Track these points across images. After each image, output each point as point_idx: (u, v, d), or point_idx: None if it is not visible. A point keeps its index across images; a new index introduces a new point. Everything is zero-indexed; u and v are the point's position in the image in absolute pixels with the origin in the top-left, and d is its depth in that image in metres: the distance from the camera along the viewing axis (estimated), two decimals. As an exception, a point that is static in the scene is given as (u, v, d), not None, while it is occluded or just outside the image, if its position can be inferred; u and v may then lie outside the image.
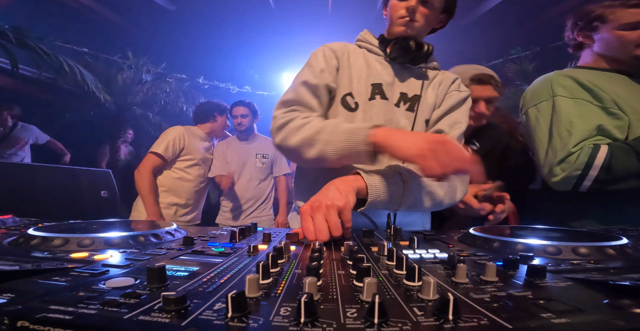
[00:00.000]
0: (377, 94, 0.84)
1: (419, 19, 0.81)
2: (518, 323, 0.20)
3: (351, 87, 0.84)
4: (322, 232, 0.52)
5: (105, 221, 0.69)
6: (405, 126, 0.84)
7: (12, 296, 0.24)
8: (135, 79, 4.67)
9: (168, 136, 1.97)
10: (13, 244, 0.45)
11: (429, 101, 0.86)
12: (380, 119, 0.82)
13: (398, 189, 0.66)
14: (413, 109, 0.85)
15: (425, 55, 0.86)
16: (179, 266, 0.34)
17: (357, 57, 0.88)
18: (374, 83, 0.84)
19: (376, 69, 0.87)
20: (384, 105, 0.83)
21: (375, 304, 0.20)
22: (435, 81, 0.90)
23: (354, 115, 0.83)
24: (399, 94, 0.86)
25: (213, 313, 0.22)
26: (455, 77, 0.93)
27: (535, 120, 1.06)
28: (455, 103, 0.85)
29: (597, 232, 0.61)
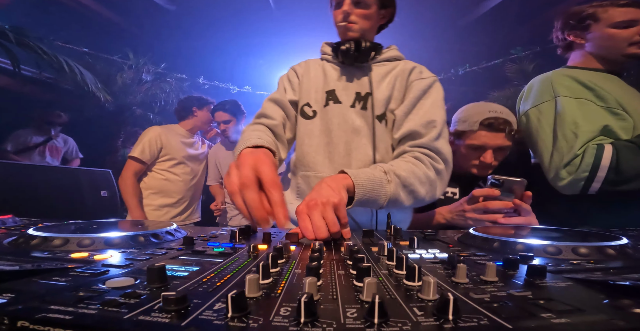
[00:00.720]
0: (331, 99, 0.89)
1: (357, 20, 0.86)
2: (518, 323, 0.20)
3: (309, 98, 0.91)
4: (321, 229, 0.53)
5: (105, 221, 0.69)
6: (361, 124, 0.86)
7: (12, 296, 0.24)
8: (135, 79, 4.67)
9: (143, 138, 1.93)
10: (13, 244, 0.45)
11: (381, 96, 0.86)
12: (334, 122, 0.87)
13: (383, 187, 0.69)
14: (366, 107, 0.87)
15: (367, 50, 0.87)
16: (179, 266, 0.34)
17: (317, 69, 0.94)
18: (327, 90, 0.90)
19: (331, 76, 0.92)
20: (338, 108, 0.88)
21: (375, 304, 0.20)
22: (392, 73, 0.89)
23: (312, 122, 0.90)
24: (354, 95, 0.89)
25: (213, 313, 0.22)
26: (413, 65, 0.90)
27: (537, 122, 1.02)
28: (418, 93, 0.84)
29: (597, 232, 0.61)
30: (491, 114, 0.97)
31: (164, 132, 1.98)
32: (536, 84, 1.07)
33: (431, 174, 0.76)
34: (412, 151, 0.79)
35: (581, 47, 1.07)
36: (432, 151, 0.78)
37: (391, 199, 0.70)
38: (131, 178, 1.89)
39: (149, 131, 1.99)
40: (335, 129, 0.87)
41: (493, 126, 0.96)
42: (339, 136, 0.87)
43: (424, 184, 0.75)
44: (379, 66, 0.92)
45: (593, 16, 1.01)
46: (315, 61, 0.98)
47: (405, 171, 0.72)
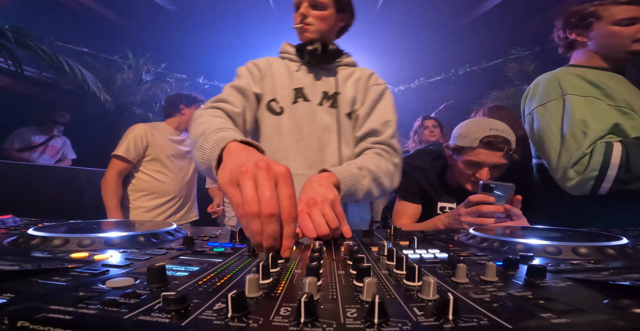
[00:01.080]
0: (300, 97, 0.93)
1: (314, 22, 0.91)
2: (518, 323, 0.20)
3: (275, 94, 0.92)
4: (322, 226, 0.54)
5: (105, 221, 0.69)
6: (330, 122, 0.92)
7: (12, 296, 0.24)
8: (135, 79, 4.67)
9: (128, 136, 1.82)
10: (13, 244, 0.45)
11: (348, 95, 0.94)
12: (304, 119, 0.91)
13: (360, 181, 0.76)
14: (335, 105, 0.93)
15: (333, 53, 0.94)
16: (179, 266, 0.34)
17: (280, 66, 0.96)
18: (295, 88, 0.93)
19: (297, 75, 0.95)
20: (307, 106, 0.92)
21: (375, 304, 0.20)
22: (353, 77, 0.98)
23: (280, 118, 0.92)
24: (321, 94, 0.94)
25: (213, 313, 0.22)
26: (370, 72, 1.00)
27: (543, 121, 1.00)
28: (376, 97, 0.95)
29: (597, 232, 0.61)
30: (492, 132, 0.99)
31: (150, 130, 1.87)
32: (542, 83, 1.05)
33: (391, 168, 0.87)
34: (374, 148, 0.89)
35: (583, 46, 1.06)
36: (389, 147, 0.90)
37: (367, 192, 0.78)
38: (114, 178, 1.76)
39: (133, 128, 1.86)
40: (307, 126, 0.91)
41: (492, 144, 0.97)
42: (310, 132, 0.91)
43: (387, 176, 0.85)
44: (342, 69, 0.99)
45: (595, 14, 1.00)
46: (274, 58, 1.00)
47: (374, 166, 0.82)
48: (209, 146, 0.60)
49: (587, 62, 1.05)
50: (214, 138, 0.60)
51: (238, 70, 0.96)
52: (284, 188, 0.41)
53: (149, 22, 5.27)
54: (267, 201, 0.39)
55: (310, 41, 0.92)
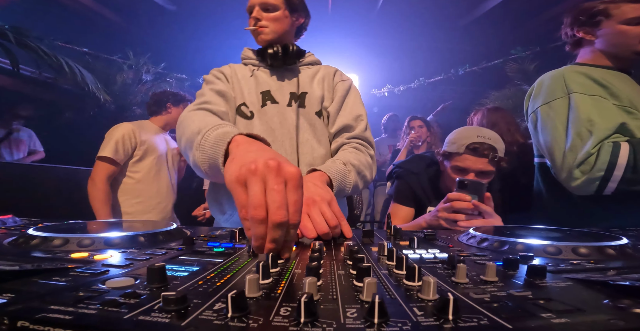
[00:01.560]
0: (268, 100, 0.94)
1: (267, 24, 0.93)
2: (518, 323, 0.20)
3: (243, 98, 0.93)
4: (322, 225, 0.54)
5: (105, 221, 0.69)
6: (301, 121, 0.93)
7: (12, 296, 0.23)
8: (135, 79, 4.67)
9: (114, 135, 1.67)
10: (13, 244, 0.45)
11: (316, 94, 0.96)
12: (275, 121, 0.92)
13: (347, 177, 0.79)
14: (304, 105, 0.95)
15: (295, 54, 0.96)
16: (179, 266, 0.34)
17: (244, 72, 0.98)
18: (262, 91, 0.94)
19: (262, 78, 0.97)
20: (276, 108, 0.93)
21: (375, 304, 0.20)
22: (318, 76, 1.00)
23: (252, 122, 0.93)
24: (289, 95, 0.95)
25: (213, 313, 0.22)
26: (334, 69, 1.03)
27: (548, 119, 0.99)
28: (343, 93, 0.98)
29: (597, 232, 0.61)
30: (479, 139, 1.03)
31: (137, 129, 1.75)
32: (547, 81, 1.04)
33: (369, 160, 0.92)
34: (350, 142, 0.94)
35: (591, 44, 1.05)
36: (364, 141, 0.95)
37: (354, 186, 0.82)
38: (104, 182, 1.61)
39: (118, 127, 1.72)
40: (278, 128, 0.92)
41: (478, 150, 1.01)
42: (282, 134, 0.92)
43: (367, 168, 0.89)
44: (305, 69, 1.01)
45: (604, 12, 0.99)
46: (237, 65, 1.01)
47: (355, 160, 0.85)
48: (209, 143, 0.59)
49: (593, 61, 1.04)
50: (215, 134, 0.59)
51: (206, 78, 0.97)
52: (292, 193, 0.40)
53: (149, 22, 5.27)
54: (277, 209, 0.37)
55: (270, 44, 0.94)
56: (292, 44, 0.95)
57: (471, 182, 0.86)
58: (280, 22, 0.94)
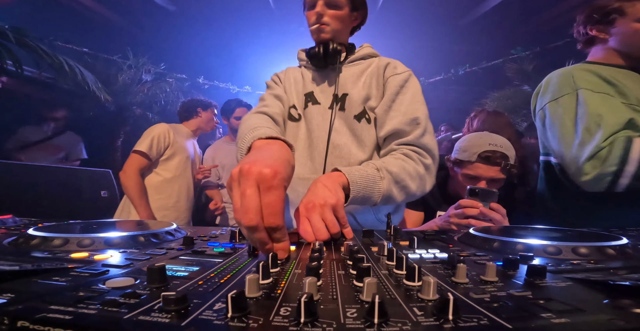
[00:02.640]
0: (309, 101, 0.92)
1: (329, 22, 0.88)
2: (518, 323, 0.20)
3: (292, 101, 0.94)
4: (321, 231, 0.52)
5: (105, 221, 0.69)
6: (339, 124, 0.88)
7: (12, 296, 0.23)
8: (135, 79, 4.67)
9: (152, 133, 1.83)
10: (13, 244, 0.45)
11: (359, 95, 0.87)
12: (314, 122, 0.89)
13: (376, 183, 0.69)
14: (344, 108, 0.89)
15: (335, 52, 0.88)
16: (179, 266, 0.34)
17: (295, 74, 0.98)
18: (306, 93, 0.93)
19: (308, 79, 0.96)
20: (317, 110, 0.90)
21: (375, 304, 0.20)
22: (367, 72, 0.91)
23: (298, 125, 0.92)
24: (332, 97, 0.91)
25: (213, 313, 0.22)
26: (387, 62, 0.90)
27: (556, 115, 0.97)
28: (396, 89, 0.84)
29: (597, 232, 0.61)
30: (490, 147, 1.01)
31: (172, 129, 1.90)
32: (555, 78, 1.03)
33: (420, 170, 0.78)
34: (400, 149, 0.81)
35: (603, 42, 1.03)
36: (419, 148, 0.80)
37: (384, 195, 0.71)
38: (136, 175, 1.76)
39: (156, 126, 1.89)
40: (316, 130, 0.89)
41: (490, 159, 1.00)
42: (319, 136, 0.89)
43: (415, 179, 0.76)
44: (351, 66, 0.93)
45: (619, 10, 0.98)
46: (293, 68, 1.02)
47: (396, 167, 0.74)
48: (243, 146, 0.64)
49: (605, 59, 1.03)
50: (247, 138, 0.65)
51: (267, 83, 1.01)
52: (264, 195, 0.40)
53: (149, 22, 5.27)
54: (244, 213, 0.39)
55: (317, 44, 0.90)
56: (334, 42, 0.89)
57: (482, 190, 0.86)
58: (342, 20, 0.89)
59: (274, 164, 0.43)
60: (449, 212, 0.89)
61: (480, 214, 0.83)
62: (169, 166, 1.88)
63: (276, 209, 0.40)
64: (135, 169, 1.76)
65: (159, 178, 1.86)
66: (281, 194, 0.41)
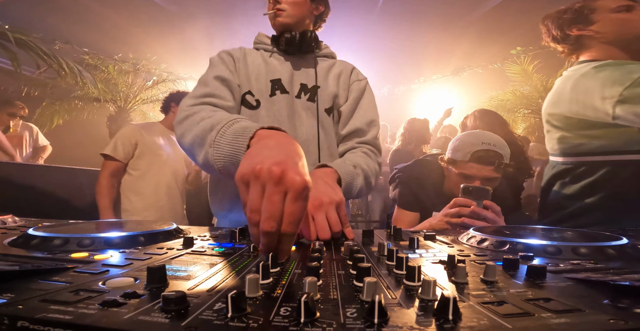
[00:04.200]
0: (277, 89, 0.88)
1: (286, 8, 0.88)
2: (518, 323, 0.20)
3: (250, 86, 0.87)
4: (324, 229, 0.52)
5: (105, 221, 0.69)
6: (308, 115, 0.89)
7: (12, 296, 0.23)
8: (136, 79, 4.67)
9: (116, 135, 1.86)
10: (13, 244, 0.45)
11: (330, 90, 0.91)
12: (283, 112, 0.87)
13: (355, 179, 0.77)
14: (314, 99, 0.89)
15: (309, 41, 0.90)
16: (179, 266, 0.34)
17: (255, 57, 0.91)
18: (272, 79, 0.88)
19: (274, 65, 0.90)
20: (285, 99, 0.88)
21: (375, 304, 0.20)
22: (334, 70, 0.94)
23: (257, 112, 0.86)
24: (299, 86, 0.90)
25: (213, 313, 0.22)
26: (352, 67, 0.97)
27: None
28: (359, 94, 0.93)
29: (597, 232, 0.61)
30: (484, 146, 1.01)
31: (139, 130, 1.88)
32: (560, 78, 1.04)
33: (377, 167, 0.89)
34: (360, 147, 0.90)
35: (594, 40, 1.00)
36: (374, 147, 0.91)
37: (359, 190, 0.79)
38: (106, 178, 1.79)
39: (123, 128, 1.91)
40: (286, 120, 0.86)
41: (483, 158, 1.00)
42: (290, 128, 0.86)
43: (374, 176, 0.86)
44: (322, 60, 0.95)
45: (587, 7, 0.98)
46: (250, 49, 0.95)
47: (365, 164, 0.82)
48: (226, 140, 0.55)
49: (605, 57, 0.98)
50: (232, 130, 0.56)
51: (212, 59, 0.90)
52: (290, 204, 0.38)
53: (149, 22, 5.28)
54: (267, 218, 0.37)
55: (287, 29, 0.89)
56: (310, 31, 0.90)
57: (475, 188, 0.87)
58: (299, 6, 0.89)
59: (303, 172, 0.40)
60: (444, 211, 0.90)
61: (472, 212, 0.83)
62: (138, 165, 1.86)
63: (296, 219, 0.38)
64: (104, 174, 1.79)
65: (130, 177, 1.86)
66: (305, 206, 0.39)
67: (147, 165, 1.86)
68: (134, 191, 1.84)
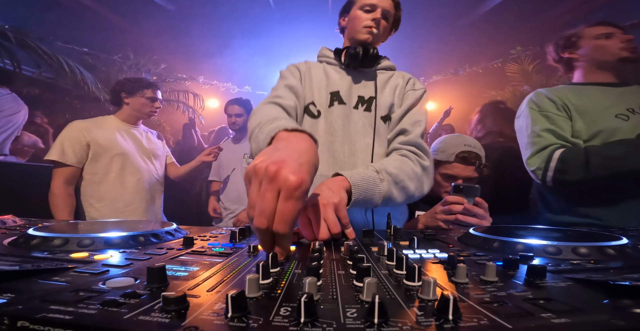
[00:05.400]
0: (335, 100, 0.93)
1: (380, 30, 0.94)
2: (518, 323, 0.20)
3: (313, 97, 0.94)
4: (323, 230, 0.53)
5: (105, 221, 0.69)
6: (364, 124, 0.92)
7: (12, 296, 0.24)
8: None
9: (61, 137, 1.54)
10: (13, 244, 0.45)
11: (385, 101, 0.95)
12: (338, 121, 0.91)
13: (377, 185, 0.73)
14: (370, 109, 0.94)
15: (372, 57, 0.94)
16: (179, 266, 0.34)
17: (318, 70, 0.98)
18: (332, 91, 0.94)
19: (334, 78, 0.96)
20: (342, 109, 0.92)
21: (375, 304, 0.20)
22: (391, 82, 0.98)
23: (317, 121, 0.92)
24: (357, 98, 0.95)
25: (213, 313, 0.22)
26: (409, 77, 1.01)
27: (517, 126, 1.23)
28: (413, 102, 0.95)
29: (597, 232, 0.61)
30: (466, 147, 1.10)
31: (88, 126, 1.59)
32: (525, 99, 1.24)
33: (418, 170, 0.82)
34: (400, 149, 0.87)
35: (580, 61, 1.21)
36: (417, 148, 0.86)
37: (385, 196, 0.74)
38: (60, 187, 1.51)
39: (66, 127, 1.57)
40: (340, 129, 0.91)
41: (466, 159, 1.08)
42: (343, 136, 0.91)
43: (413, 180, 0.80)
44: (380, 73, 1.00)
45: (575, 34, 1.21)
46: (313, 62, 1.02)
47: (395, 168, 0.77)
48: (262, 136, 0.61)
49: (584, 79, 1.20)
50: (268, 128, 0.61)
51: (282, 72, 0.98)
52: (282, 202, 0.38)
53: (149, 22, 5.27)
54: (258, 215, 0.38)
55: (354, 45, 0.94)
56: (373, 48, 0.94)
57: (466, 186, 0.90)
58: (386, 31, 0.97)
59: (300, 171, 0.40)
60: (436, 209, 0.92)
61: (464, 209, 0.86)
62: (95, 168, 1.58)
63: (287, 218, 0.38)
64: (57, 183, 1.51)
65: (89, 183, 1.59)
66: (298, 206, 0.39)
67: (105, 167, 1.59)
68: (96, 197, 1.59)
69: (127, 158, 1.64)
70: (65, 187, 1.53)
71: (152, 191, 1.74)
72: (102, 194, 1.59)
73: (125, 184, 1.63)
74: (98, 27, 4.92)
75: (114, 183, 1.61)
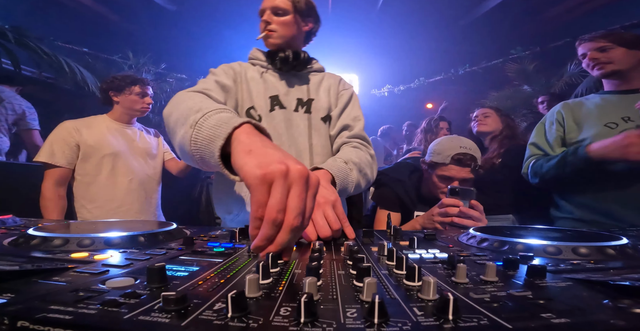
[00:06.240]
0: (276, 105, 0.95)
1: (277, 29, 0.94)
2: (518, 323, 0.20)
3: (252, 101, 0.94)
4: (324, 228, 0.54)
5: (105, 221, 0.69)
6: (306, 126, 0.96)
7: (12, 296, 0.24)
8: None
9: (50, 137, 1.52)
10: (13, 244, 0.45)
11: (323, 102, 0.99)
12: (282, 126, 0.94)
13: (349, 175, 0.79)
14: (310, 111, 0.98)
15: (305, 61, 0.98)
16: (179, 266, 0.34)
17: (253, 73, 0.98)
18: (271, 96, 0.95)
19: (271, 81, 0.98)
20: (283, 114, 0.95)
21: (375, 304, 0.20)
22: (324, 84, 1.03)
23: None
24: (296, 100, 0.97)
25: (213, 313, 0.22)
26: (339, 78, 1.07)
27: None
28: (347, 100, 1.02)
29: (597, 232, 0.61)
30: (462, 149, 1.12)
31: (78, 126, 1.57)
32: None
33: (369, 158, 0.92)
34: (349, 142, 0.95)
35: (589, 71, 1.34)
36: (364, 140, 0.97)
37: (356, 184, 0.81)
38: (51, 189, 1.49)
39: (56, 128, 1.55)
40: (284, 133, 0.94)
41: (462, 161, 1.11)
42: (289, 139, 0.94)
43: (368, 167, 0.90)
44: (313, 75, 1.04)
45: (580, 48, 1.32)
46: (247, 64, 1.01)
47: (357, 158, 0.86)
48: (209, 123, 0.52)
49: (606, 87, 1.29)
50: (219, 117, 0.53)
51: (213, 70, 0.94)
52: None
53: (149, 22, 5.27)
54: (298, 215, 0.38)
55: (281, 48, 0.95)
56: (303, 51, 0.97)
57: (462, 189, 0.92)
58: (289, 27, 0.95)
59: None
60: (433, 211, 0.93)
61: (460, 212, 0.88)
62: (85, 169, 1.56)
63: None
64: (48, 185, 1.49)
65: (80, 184, 1.57)
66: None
67: (95, 168, 1.56)
68: (87, 198, 1.56)
69: (118, 158, 1.61)
70: (56, 188, 1.51)
71: (146, 191, 1.70)
72: (94, 195, 1.57)
73: (117, 184, 1.60)
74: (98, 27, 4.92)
75: (105, 183, 1.58)
